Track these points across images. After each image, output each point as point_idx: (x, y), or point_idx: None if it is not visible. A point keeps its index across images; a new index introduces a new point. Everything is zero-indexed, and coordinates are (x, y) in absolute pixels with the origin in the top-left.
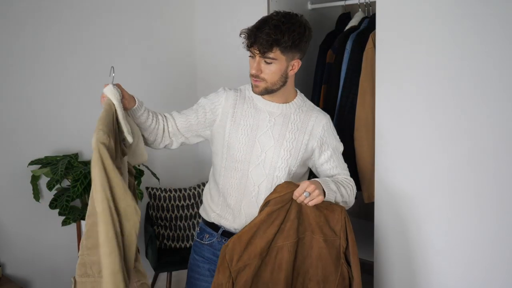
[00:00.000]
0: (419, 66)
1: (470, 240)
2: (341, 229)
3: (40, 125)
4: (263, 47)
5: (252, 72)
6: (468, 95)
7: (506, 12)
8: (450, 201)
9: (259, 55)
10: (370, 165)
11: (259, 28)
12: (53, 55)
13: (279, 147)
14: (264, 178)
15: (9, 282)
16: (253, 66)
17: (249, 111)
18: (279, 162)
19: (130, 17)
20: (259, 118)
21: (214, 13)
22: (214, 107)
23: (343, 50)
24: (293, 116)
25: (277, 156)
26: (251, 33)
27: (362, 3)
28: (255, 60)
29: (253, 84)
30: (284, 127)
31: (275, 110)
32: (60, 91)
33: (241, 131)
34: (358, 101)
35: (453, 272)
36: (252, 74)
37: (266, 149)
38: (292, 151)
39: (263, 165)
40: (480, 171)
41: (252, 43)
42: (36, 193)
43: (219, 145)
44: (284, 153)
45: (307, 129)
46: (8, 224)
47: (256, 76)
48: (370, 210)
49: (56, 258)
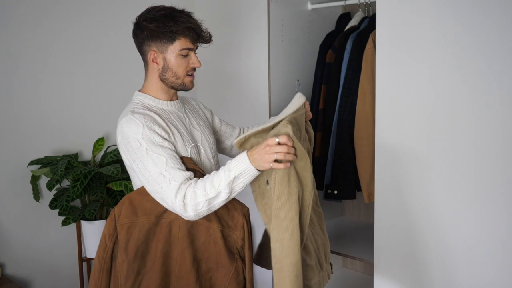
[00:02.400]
0: (419, 66)
1: (471, 239)
2: (237, 227)
3: (40, 125)
4: (207, 39)
5: (197, 65)
6: (469, 95)
7: (506, 12)
8: (451, 202)
9: (195, 49)
10: (370, 165)
11: (190, 21)
12: (53, 55)
13: (208, 134)
14: (211, 167)
15: (9, 282)
16: (194, 59)
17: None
18: (214, 148)
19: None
20: (180, 119)
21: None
22: (163, 140)
23: (343, 50)
24: (187, 105)
25: (213, 143)
26: (191, 27)
27: (362, 3)
28: (190, 55)
29: (190, 80)
30: (194, 118)
31: (179, 106)
32: (60, 91)
33: (184, 140)
34: (358, 101)
35: (454, 272)
36: (196, 67)
37: (203, 143)
38: (211, 132)
39: (208, 157)
40: (484, 171)
41: (199, 37)
42: (36, 193)
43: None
44: (212, 138)
45: (198, 110)
46: (8, 224)
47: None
48: (370, 210)
49: (56, 258)
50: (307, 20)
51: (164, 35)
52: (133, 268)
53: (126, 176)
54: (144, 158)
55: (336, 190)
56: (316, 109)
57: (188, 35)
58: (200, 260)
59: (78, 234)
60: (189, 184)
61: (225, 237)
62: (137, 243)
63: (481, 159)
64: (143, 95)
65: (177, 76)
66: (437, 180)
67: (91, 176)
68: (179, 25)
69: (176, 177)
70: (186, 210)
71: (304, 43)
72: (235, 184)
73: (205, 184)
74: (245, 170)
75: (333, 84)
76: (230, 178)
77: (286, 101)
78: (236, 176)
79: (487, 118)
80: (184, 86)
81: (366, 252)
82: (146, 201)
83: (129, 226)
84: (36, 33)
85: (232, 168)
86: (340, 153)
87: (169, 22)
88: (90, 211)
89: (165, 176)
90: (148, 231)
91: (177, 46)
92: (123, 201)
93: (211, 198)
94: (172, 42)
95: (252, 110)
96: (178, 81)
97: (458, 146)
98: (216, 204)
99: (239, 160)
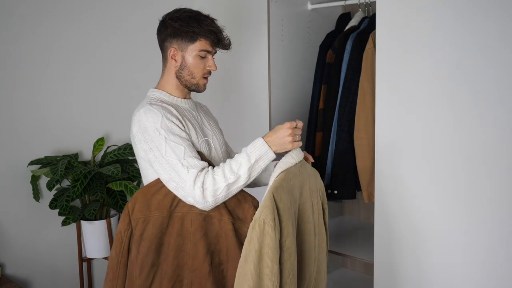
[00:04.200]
0: (419, 66)
1: (471, 240)
2: (247, 219)
3: (40, 125)
4: (226, 45)
5: (213, 69)
6: (469, 94)
7: (506, 12)
8: (451, 202)
9: (214, 53)
10: (370, 165)
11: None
12: (53, 55)
13: (219, 135)
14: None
15: (9, 282)
16: (212, 63)
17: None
18: (224, 147)
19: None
20: (192, 116)
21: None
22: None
23: (343, 50)
24: (198, 105)
25: (223, 143)
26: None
27: (362, 3)
28: (208, 58)
29: (204, 83)
30: (205, 118)
31: (192, 105)
32: (60, 91)
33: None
34: (358, 101)
35: (454, 273)
36: (212, 71)
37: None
38: (222, 134)
39: (218, 155)
40: (483, 172)
41: (219, 41)
42: (36, 193)
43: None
44: (222, 138)
45: (208, 112)
46: (8, 224)
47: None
48: (370, 210)
49: (56, 258)
50: (307, 20)
51: (186, 34)
52: (147, 261)
53: (126, 176)
54: (162, 147)
55: (336, 190)
56: (316, 109)
57: (209, 38)
58: (213, 253)
59: (78, 234)
60: (206, 171)
61: (236, 230)
62: (151, 237)
63: (482, 160)
64: (158, 91)
65: (192, 75)
66: (437, 180)
67: (91, 176)
68: (202, 27)
69: (194, 165)
70: (205, 196)
71: (304, 43)
72: (253, 168)
73: (224, 170)
74: (264, 154)
75: (333, 84)
76: (251, 163)
77: (286, 101)
78: (257, 159)
79: (488, 118)
80: (197, 87)
81: (366, 252)
82: (159, 195)
83: (143, 221)
84: (36, 33)
85: (251, 153)
86: (340, 153)
87: (193, 23)
88: (90, 211)
89: (183, 164)
90: (161, 225)
91: (196, 47)
92: (136, 196)
93: (231, 183)
94: (192, 42)
95: (252, 110)
96: (193, 81)
97: (459, 146)
98: (234, 190)
99: (257, 145)
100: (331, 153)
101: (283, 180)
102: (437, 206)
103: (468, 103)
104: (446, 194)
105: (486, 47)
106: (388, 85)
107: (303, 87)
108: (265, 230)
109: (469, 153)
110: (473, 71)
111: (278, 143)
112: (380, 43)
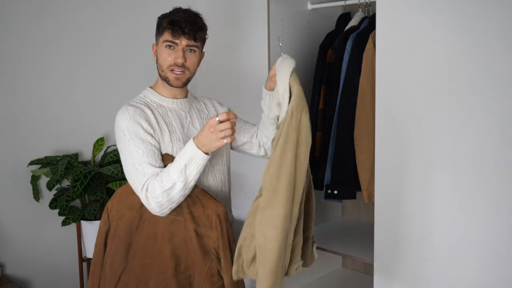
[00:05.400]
0: (419, 66)
1: (472, 240)
2: (212, 227)
3: (40, 125)
4: (193, 33)
5: (178, 62)
6: (469, 94)
7: (506, 12)
8: (452, 200)
9: (186, 43)
10: (370, 165)
11: (181, 16)
12: (53, 55)
13: None
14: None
15: (9, 282)
16: (178, 55)
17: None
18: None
19: (130, 17)
20: (178, 118)
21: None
22: (147, 134)
23: (343, 50)
24: (197, 106)
25: None
26: (175, 21)
27: (362, 3)
28: (175, 50)
29: (173, 77)
30: (199, 118)
31: (183, 105)
32: (60, 91)
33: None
34: (358, 101)
35: (454, 273)
36: (177, 63)
37: None
38: None
39: None
40: (483, 173)
41: (181, 32)
42: (36, 193)
43: None
44: None
45: (211, 111)
46: (8, 224)
47: (180, 65)
48: (370, 210)
49: (56, 258)
50: (307, 20)
51: (157, 27)
52: (116, 258)
53: None
54: (126, 149)
55: (336, 190)
56: (316, 109)
57: (170, 28)
58: (179, 258)
59: (78, 234)
60: (152, 178)
61: (200, 236)
62: (121, 235)
63: (482, 160)
64: (149, 90)
65: (161, 68)
66: (437, 180)
67: (91, 176)
68: (166, 18)
69: (146, 172)
70: (149, 203)
71: (304, 43)
72: (188, 172)
73: (162, 176)
74: (193, 156)
75: (333, 84)
76: (180, 166)
77: None
78: (186, 163)
79: (488, 118)
80: (168, 81)
81: (366, 252)
82: (134, 195)
83: (117, 218)
84: (36, 33)
85: (181, 156)
86: (340, 153)
87: (164, 16)
88: (90, 211)
89: (137, 169)
90: (131, 225)
91: (162, 38)
92: (114, 195)
93: (167, 189)
94: (160, 34)
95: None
96: (162, 74)
97: (459, 146)
98: (176, 195)
99: (187, 147)
100: (331, 153)
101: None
102: (437, 206)
103: (468, 102)
104: (446, 194)
105: (486, 47)
106: (388, 85)
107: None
108: (301, 121)
109: (469, 153)
110: (473, 71)
111: (204, 144)
112: (380, 43)
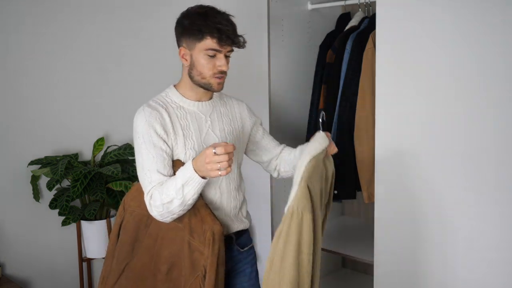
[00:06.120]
0: (419, 66)
1: (471, 239)
2: (205, 243)
3: (40, 125)
4: (237, 43)
5: (224, 69)
6: (469, 94)
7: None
8: (452, 202)
9: (228, 49)
10: (370, 165)
11: (223, 23)
12: (53, 55)
13: (232, 140)
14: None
15: (9, 282)
16: (222, 62)
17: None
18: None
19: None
20: (196, 121)
21: None
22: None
23: (343, 50)
24: (221, 109)
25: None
26: (220, 29)
27: (362, 3)
28: (218, 57)
29: (217, 82)
30: (220, 122)
31: (206, 108)
32: (60, 91)
33: (186, 145)
34: (358, 101)
35: (454, 273)
36: (223, 71)
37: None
38: (236, 142)
39: None
40: (482, 172)
41: (228, 40)
42: (36, 193)
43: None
44: (240, 143)
45: (237, 116)
46: (8, 224)
47: (224, 72)
48: (370, 210)
49: (56, 258)
50: (307, 20)
51: (193, 32)
52: (123, 250)
53: (126, 176)
54: (139, 151)
55: (336, 190)
56: (316, 109)
57: (215, 36)
58: (174, 264)
59: (78, 234)
60: (157, 187)
61: (192, 250)
62: (130, 230)
63: (481, 160)
64: (172, 90)
65: (202, 75)
66: (437, 180)
67: (91, 176)
68: (208, 25)
69: (153, 179)
70: (152, 211)
71: (304, 43)
72: (185, 191)
73: (163, 189)
74: (190, 178)
75: (333, 84)
76: (178, 185)
77: (286, 101)
78: (183, 183)
79: (488, 119)
80: (210, 87)
81: (366, 252)
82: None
83: (130, 212)
84: (36, 34)
85: (178, 175)
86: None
87: (199, 20)
88: (90, 211)
89: (146, 174)
90: (139, 221)
91: (203, 45)
92: (131, 189)
93: (166, 203)
94: (199, 40)
95: None
96: (203, 81)
97: (458, 146)
98: (175, 209)
99: (186, 167)
100: None
101: (315, 167)
102: (437, 206)
103: (468, 102)
104: (446, 194)
105: (486, 47)
106: (388, 85)
107: (303, 87)
108: (303, 222)
109: (468, 153)
110: (473, 71)
111: (201, 170)
112: (380, 43)
